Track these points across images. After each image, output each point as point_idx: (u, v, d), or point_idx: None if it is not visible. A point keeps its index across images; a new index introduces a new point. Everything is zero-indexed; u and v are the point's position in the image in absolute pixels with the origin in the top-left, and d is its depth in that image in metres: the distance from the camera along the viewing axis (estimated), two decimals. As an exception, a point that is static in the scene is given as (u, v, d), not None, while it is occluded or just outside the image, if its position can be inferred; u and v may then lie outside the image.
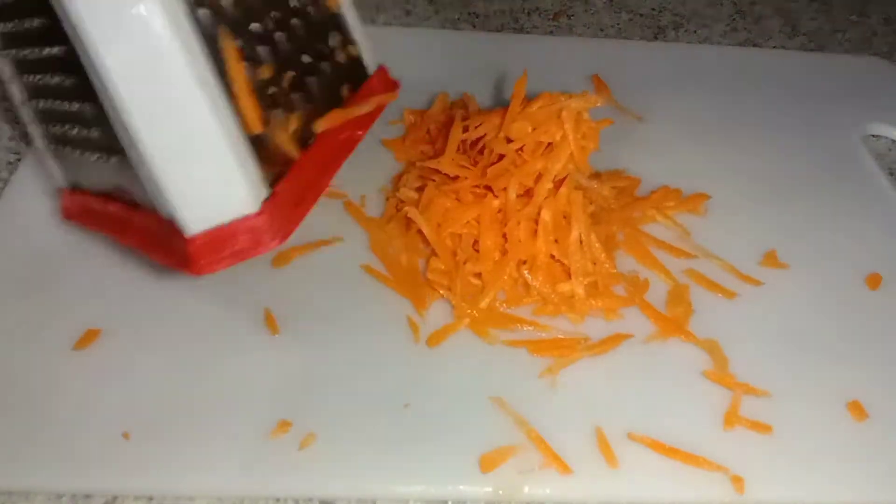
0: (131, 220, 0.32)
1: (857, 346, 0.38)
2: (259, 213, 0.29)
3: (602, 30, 0.61)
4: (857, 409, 0.35)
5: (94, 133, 0.31)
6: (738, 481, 0.32)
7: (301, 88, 0.34)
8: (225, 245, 0.29)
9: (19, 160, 0.44)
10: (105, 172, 0.32)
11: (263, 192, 0.30)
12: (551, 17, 0.62)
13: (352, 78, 0.38)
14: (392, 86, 0.41)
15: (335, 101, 0.36)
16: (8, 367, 0.34)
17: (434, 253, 0.38)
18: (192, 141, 0.28)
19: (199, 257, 0.29)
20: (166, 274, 0.38)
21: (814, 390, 0.36)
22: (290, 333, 0.36)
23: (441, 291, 0.37)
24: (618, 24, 0.62)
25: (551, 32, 0.60)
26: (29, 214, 0.40)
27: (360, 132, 0.37)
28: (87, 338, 0.35)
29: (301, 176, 0.32)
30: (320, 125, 0.34)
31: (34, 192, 0.41)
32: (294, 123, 0.33)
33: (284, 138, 0.32)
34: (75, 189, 0.36)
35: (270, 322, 0.36)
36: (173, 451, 0.31)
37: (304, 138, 0.34)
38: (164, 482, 0.31)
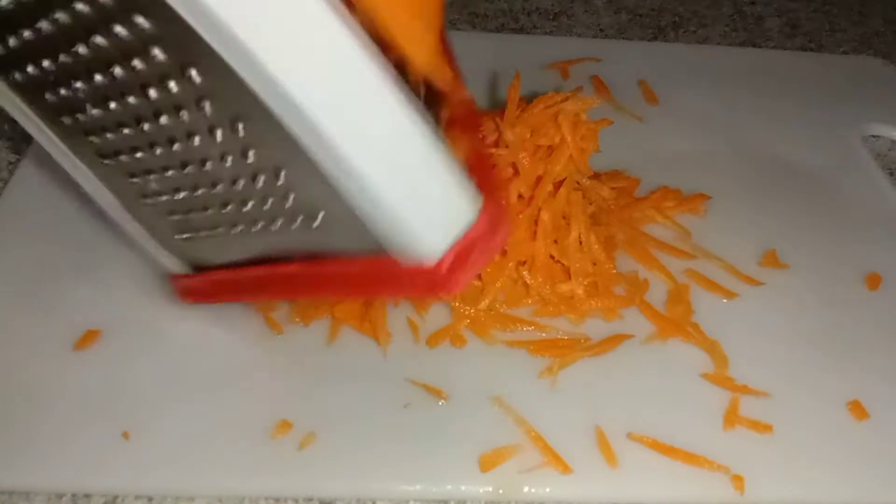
0: (303, 274, 0.30)
1: (857, 346, 0.38)
2: (481, 217, 0.28)
3: (602, 30, 0.61)
4: (858, 409, 0.35)
5: (269, 203, 0.28)
6: (738, 481, 0.32)
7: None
8: (467, 257, 0.28)
9: (19, 160, 0.44)
10: (256, 241, 0.30)
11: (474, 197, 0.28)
12: (551, 17, 0.62)
13: None
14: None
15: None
16: (8, 367, 0.34)
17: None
18: (415, 166, 0.26)
19: (449, 278, 0.27)
20: (166, 274, 0.38)
21: (814, 390, 0.36)
22: (290, 333, 0.36)
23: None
24: (618, 24, 0.62)
25: (551, 32, 0.60)
26: (29, 215, 0.40)
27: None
28: (87, 338, 0.35)
29: (474, 171, 0.29)
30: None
31: (34, 193, 0.41)
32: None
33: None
34: (198, 270, 0.34)
35: (271, 322, 0.36)
36: (173, 451, 0.31)
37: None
38: (164, 482, 0.31)
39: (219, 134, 0.26)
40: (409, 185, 0.26)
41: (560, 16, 0.62)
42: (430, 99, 0.28)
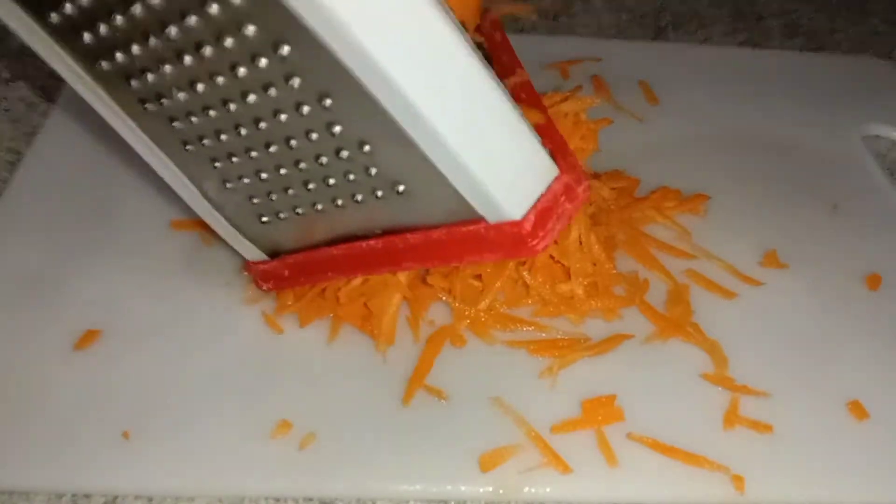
0: (385, 248, 0.30)
1: (857, 346, 0.38)
2: (559, 177, 0.28)
3: (602, 30, 0.61)
4: (858, 409, 0.35)
5: (353, 176, 0.28)
6: (738, 481, 0.32)
7: None
8: (549, 216, 0.28)
9: (19, 160, 0.44)
10: (336, 220, 0.31)
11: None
12: (551, 17, 0.62)
13: None
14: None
15: None
16: (8, 367, 0.34)
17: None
18: (496, 128, 0.26)
19: (533, 236, 0.28)
20: (166, 274, 0.38)
21: (814, 390, 0.36)
22: (290, 333, 0.36)
23: (441, 295, 0.37)
24: (618, 24, 0.62)
25: (551, 32, 0.60)
26: (29, 214, 0.40)
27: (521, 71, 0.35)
28: (87, 338, 0.35)
29: (545, 136, 0.30)
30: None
31: (34, 193, 0.41)
32: None
33: None
34: (275, 256, 0.35)
35: (271, 322, 0.36)
36: (173, 451, 0.31)
37: None
38: (164, 482, 0.31)
39: (305, 109, 0.26)
40: (491, 146, 0.26)
41: (560, 16, 0.62)
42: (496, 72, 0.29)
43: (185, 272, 0.38)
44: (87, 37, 0.27)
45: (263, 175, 0.30)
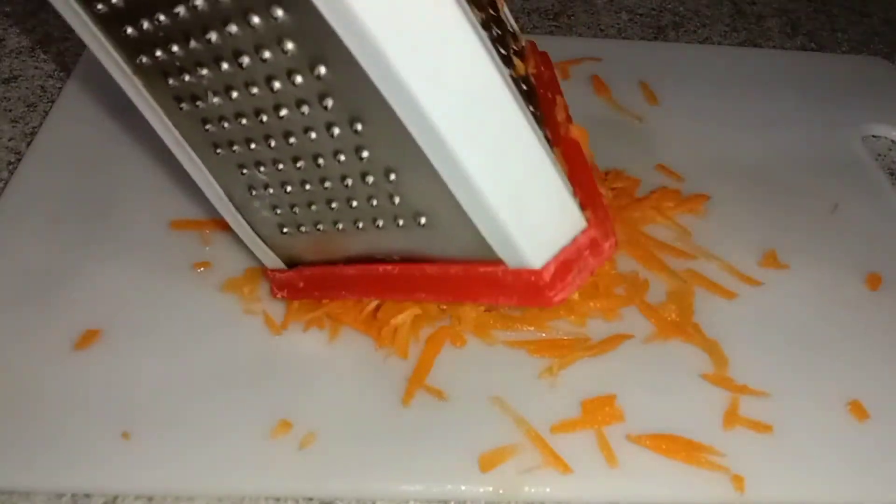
0: (400, 275, 0.30)
1: (857, 346, 0.38)
2: (587, 229, 0.28)
3: (602, 30, 0.61)
4: (858, 409, 0.35)
5: (376, 202, 0.28)
6: (738, 481, 0.32)
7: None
8: (571, 268, 0.28)
9: (19, 160, 0.44)
10: (356, 240, 0.31)
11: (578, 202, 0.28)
12: (551, 17, 0.62)
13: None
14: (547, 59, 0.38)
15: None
16: (8, 367, 0.34)
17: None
18: (526, 173, 0.26)
19: (552, 287, 0.28)
20: (166, 274, 0.38)
21: (814, 390, 0.36)
22: (290, 333, 0.36)
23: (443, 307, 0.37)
24: (618, 24, 0.62)
25: (551, 32, 0.60)
26: (29, 215, 0.40)
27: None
28: (87, 338, 0.35)
29: (578, 184, 0.30)
30: (571, 129, 0.32)
31: (34, 193, 0.41)
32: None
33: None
34: (293, 266, 0.35)
35: (271, 322, 0.36)
36: (173, 451, 0.31)
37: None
38: (164, 482, 0.31)
39: (336, 131, 0.26)
40: (519, 191, 0.26)
41: (560, 16, 0.62)
42: (537, 115, 0.28)
43: (185, 272, 0.38)
44: (129, 30, 0.27)
45: (289, 188, 0.30)
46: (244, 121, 0.28)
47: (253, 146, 0.29)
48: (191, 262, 0.39)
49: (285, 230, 0.33)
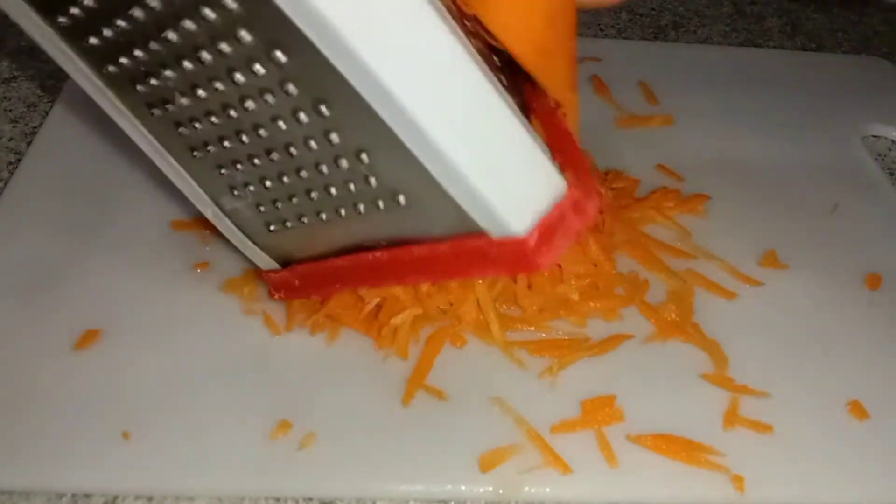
0: (390, 260, 0.30)
1: (857, 346, 0.38)
2: (567, 192, 0.28)
3: (602, 30, 0.61)
4: (858, 409, 0.35)
5: (356, 186, 0.28)
6: (738, 481, 0.32)
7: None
8: (554, 232, 0.27)
9: (19, 160, 0.44)
10: (342, 230, 0.31)
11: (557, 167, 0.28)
12: (551, 17, 0.62)
13: None
14: None
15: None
16: (8, 368, 0.34)
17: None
18: (499, 141, 0.26)
19: (537, 252, 0.27)
20: (166, 275, 0.38)
21: (814, 390, 0.36)
22: (290, 333, 0.36)
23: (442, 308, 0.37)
24: (618, 24, 0.62)
25: (551, 32, 0.60)
26: (29, 214, 0.40)
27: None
28: (87, 338, 0.35)
29: (557, 150, 0.29)
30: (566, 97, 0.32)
31: (34, 193, 0.41)
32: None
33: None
34: (286, 265, 0.35)
35: (271, 322, 0.36)
36: (173, 451, 0.31)
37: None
38: (164, 482, 0.31)
39: (303, 117, 0.26)
40: (493, 159, 0.26)
41: (560, 16, 0.62)
42: (511, 83, 0.28)
43: (185, 272, 0.38)
44: (93, 40, 0.27)
45: (268, 183, 0.30)
46: (214, 118, 0.28)
47: (226, 144, 0.29)
48: (191, 263, 0.39)
49: (272, 228, 0.33)
